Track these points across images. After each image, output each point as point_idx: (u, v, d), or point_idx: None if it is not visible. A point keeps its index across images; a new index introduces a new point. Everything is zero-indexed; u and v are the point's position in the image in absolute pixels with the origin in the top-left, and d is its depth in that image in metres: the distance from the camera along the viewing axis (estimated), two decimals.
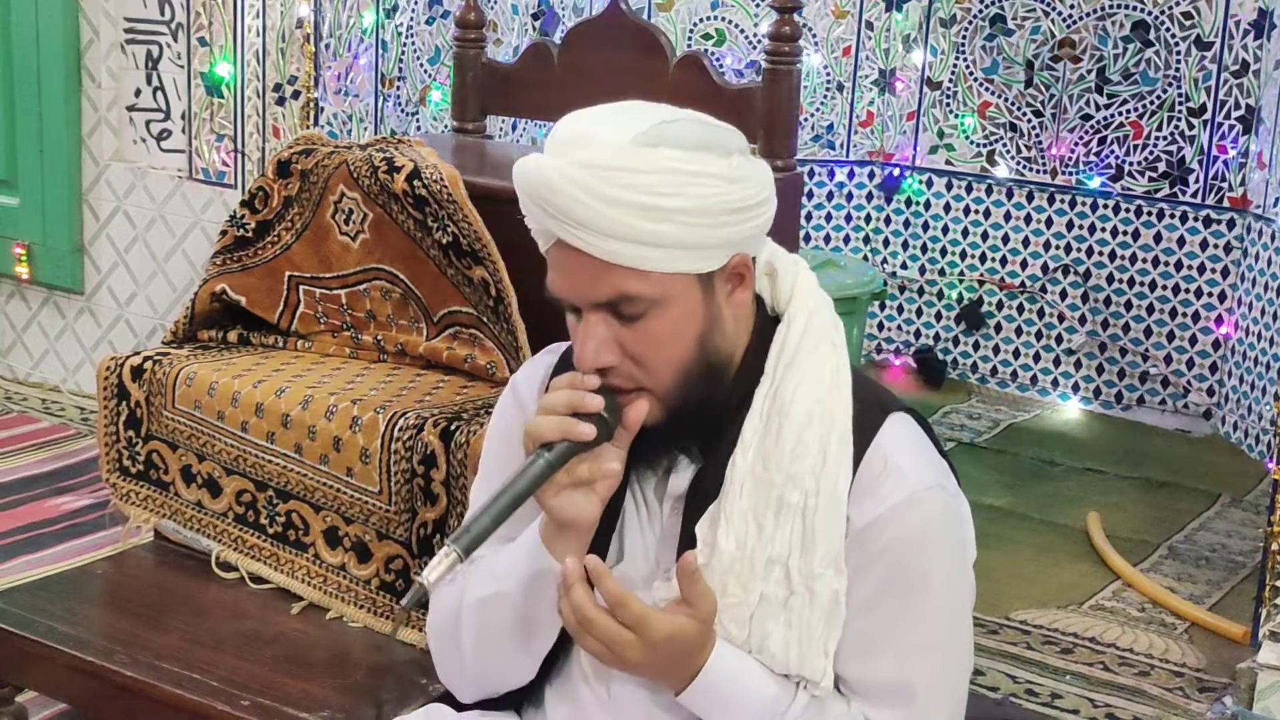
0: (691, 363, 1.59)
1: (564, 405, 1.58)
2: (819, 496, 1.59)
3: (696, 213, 1.54)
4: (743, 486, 1.60)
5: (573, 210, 1.52)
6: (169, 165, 4.07)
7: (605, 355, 1.57)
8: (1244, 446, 4.52)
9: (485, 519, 1.55)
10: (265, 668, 2.29)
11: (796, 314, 1.65)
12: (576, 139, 1.55)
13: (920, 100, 5.06)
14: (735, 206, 1.56)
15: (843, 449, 1.60)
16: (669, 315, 1.57)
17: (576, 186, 1.52)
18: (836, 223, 5.18)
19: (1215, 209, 4.63)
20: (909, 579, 1.60)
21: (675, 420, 1.61)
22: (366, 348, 2.71)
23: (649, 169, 1.52)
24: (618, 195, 1.51)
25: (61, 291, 4.31)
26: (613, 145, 1.53)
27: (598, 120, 1.56)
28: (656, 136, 1.53)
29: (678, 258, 1.55)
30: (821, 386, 1.62)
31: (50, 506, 3.54)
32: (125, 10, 4.05)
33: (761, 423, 1.61)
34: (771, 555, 1.60)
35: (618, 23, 3.04)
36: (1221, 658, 3.16)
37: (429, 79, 4.27)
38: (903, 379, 5.09)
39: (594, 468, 1.60)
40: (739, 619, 1.61)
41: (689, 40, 4.98)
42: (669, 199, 1.52)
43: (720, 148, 1.57)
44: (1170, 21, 4.64)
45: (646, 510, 1.69)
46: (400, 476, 2.38)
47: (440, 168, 2.56)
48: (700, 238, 1.55)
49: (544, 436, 1.58)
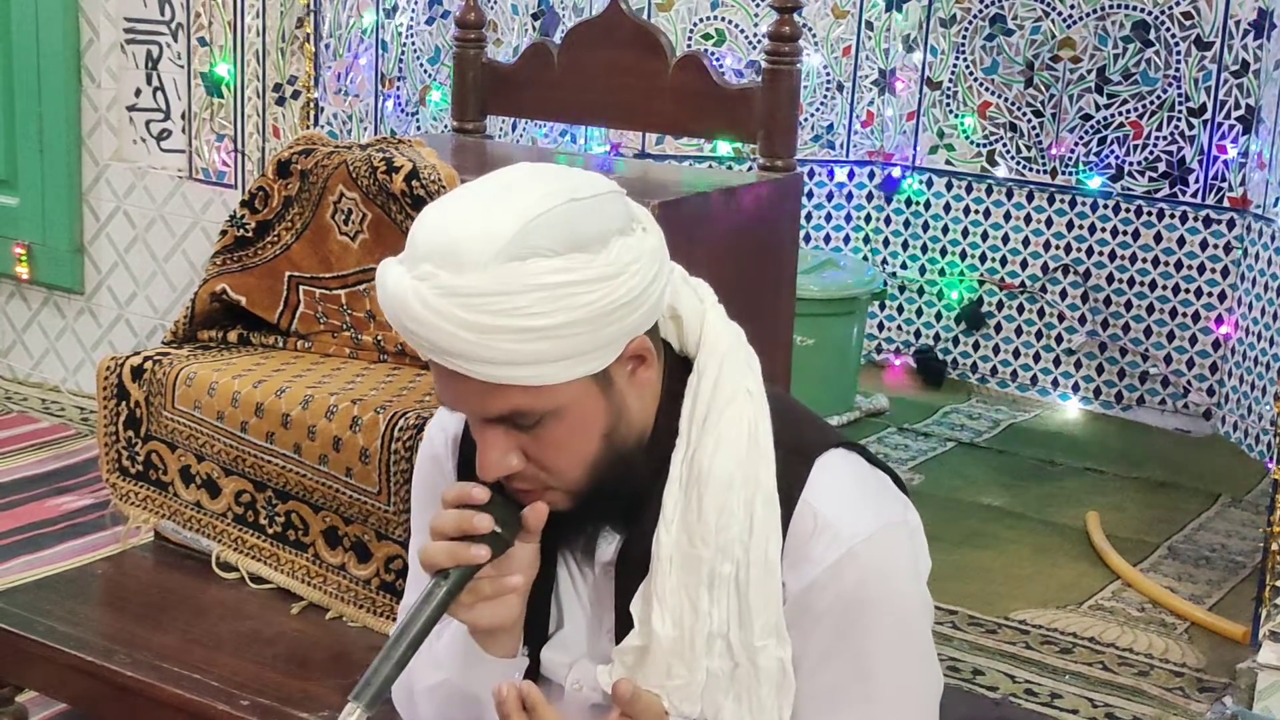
0: (600, 459, 1.50)
1: (452, 528, 1.49)
2: (750, 566, 1.51)
3: (578, 323, 1.40)
4: (671, 563, 1.52)
5: (441, 341, 1.40)
6: (169, 165, 4.07)
7: (509, 462, 1.48)
8: (1244, 446, 4.52)
9: (388, 668, 1.44)
10: (265, 667, 2.29)
11: (707, 364, 1.54)
12: (437, 254, 1.40)
13: (920, 100, 5.06)
14: (621, 303, 1.42)
15: (769, 512, 1.52)
16: (568, 421, 1.46)
17: (442, 317, 1.38)
18: (836, 223, 5.18)
19: (1215, 209, 4.62)
20: (858, 635, 1.53)
21: (588, 507, 1.54)
22: (366, 348, 2.71)
23: (519, 289, 1.37)
24: (488, 322, 1.38)
25: (61, 291, 4.31)
26: (477, 264, 1.37)
27: (460, 227, 1.40)
28: (523, 246, 1.38)
29: (567, 368, 1.42)
30: (740, 447, 1.52)
31: (50, 506, 3.54)
32: (125, 10, 4.05)
33: (682, 493, 1.52)
34: (711, 630, 1.53)
35: (618, 23, 3.04)
36: (1221, 658, 3.16)
37: (429, 79, 4.27)
38: (903, 379, 5.10)
39: (497, 584, 1.52)
40: (690, 697, 1.54)
41: (689, 40, 4.98)
42: (546, 317, 1.38)
43: (597, 240, 1.41)
44: (1170, 21, 4.64)
45: (580, 575, 1.63)
46: (400, 476, 2.38)
47: (439, 168, 2.56)
48: (587, 344, 1.42)
49: (437, 564, 1.47)
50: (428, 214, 1.45)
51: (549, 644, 1.63)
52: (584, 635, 1.63)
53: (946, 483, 4.08)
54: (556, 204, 1.41)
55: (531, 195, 1.42)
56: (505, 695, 1.47)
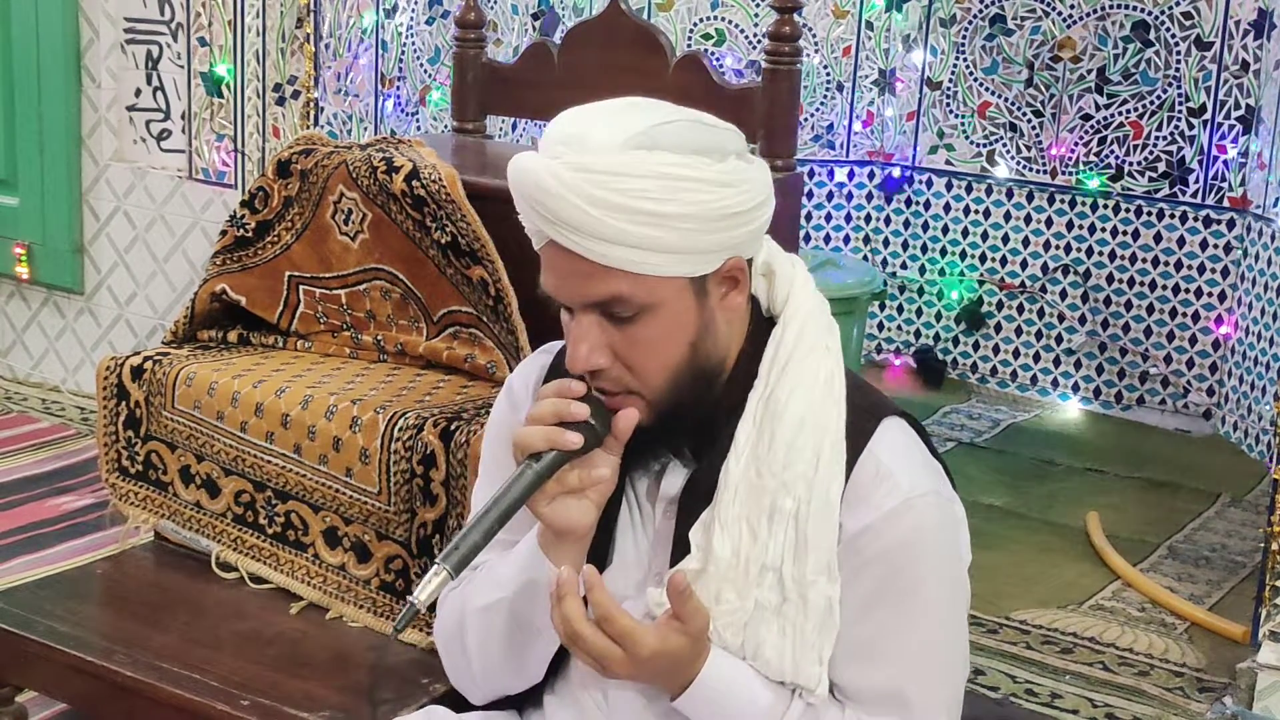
0: (683, 368, 1.58)
1: (550, 414, 1.57)
2: (811, 503, 1.58)
3: (690, 218, 1.52)
4: (736, 492, 1.60)
5: (564, 212, 1.51)
6: (169, 165, 4.07)
7: (596, 358, 1.56)
8: (1244, 446, 4.52)
9: (475, 535, 1.54)
10: (265, 667, 2.29)
11: (792, 318, 1.64)
12: (571, 139, 1.53)
13: (920, 100, 5.06)
14: (730, 212, 1.54)
15: (835, 455, 1.59)
16: (661, 320, 1.55)
17: (568, 189, 1.50)
18: (836, 223, 5.18)
19: (1215, 209, 4.63)
20: (903, 585, 1.59)
21: (666, 423, 1.60)
22: (366, 348, 2.71)
23: (642, 173, 1.50)
24: (610, 199, 1.50)
25: (61, 291, 4.31)
26: (606, 148, 1.51)
27: (593, 120, 1.54)
28: (651, 139, 1.51)
29: (671, 262, 1.53)
30: (815, 392, 1.60)
31: (50, 506, 3.54)
32: (125, 10, 4.05)
33: (754, 428, 1.60)
34: (765, 562, 1.59)
35: (618, 23, 3.04)
36: (1221, 658, 3.16)
37: (429, 79, 4.27)
38: (903, 379, 5.10)
39: (584, 475, 1.59)
40: (734, 626, 1.60)
41: (689, 40, 4.98)
42: (662, 204, 1.50)
43: (717, 151, 1.55)
44: (1170, 21, 4.64)
45: (640, 513, 1.69)
46: (400, 477, 2.38)
47: (439, 168, 2.56)
48: (694, 243, 1.53)
49: (531, 446, 1.57)
50: (562, 114, 1.58)
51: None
52: (636, 575, 1.68)
53: None
54: (685, 117, 1.56)
55: (662, 109, 1.57)
56: (565, 576, 1.55)
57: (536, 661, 1.73)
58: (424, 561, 2.37)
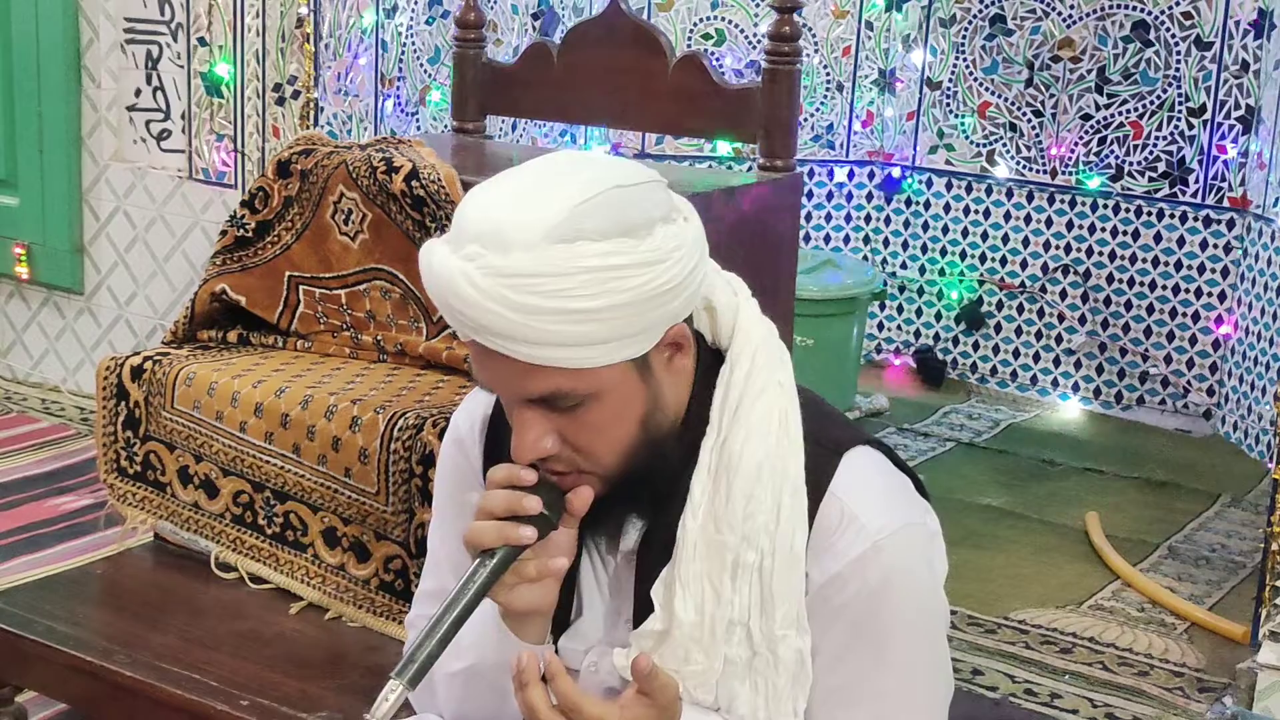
0: (635, 443, 1.51)
1: (501, 509, 1.50)
2: (775, 556, 1.52)
3: (622, 307, 1.42)
4: (696, 549, 1.53)
5: (485, 320, 1.41)
6: (169, 165, 4.07)
7: (544, 445, 1.49)
8: (1244, 446, 4.51)
9: (431, 645, 1.46)
10: (264, 667, 2.29)
11: (740, 355, 1.56)
12: (485, 236, 1.41)
13: (920, 100, 5.06)
14: (663, 289, 1.44)
15: (796, 503, 1.53)
16: (607, 405, 1.48)
17: (488, 298, 1.40)
18: (836, 223, 5.18)
19: (1215, 209, 4.62)
20: (876, 631, 1.54)
21: (620, 492, 1.55)
22: (366, 348, 2.71)
23: (566, 271, 1.39)
24: (534, 304, 1.39)
25: (61, 291, 4.31)
26: (525, 245, 1.39)
27: (507, 209, 1.42)
28: (571, 229, 1.40)
29: (607, 351, 1.44)
30: (770, 437, 1.54)
31: (50, 506, 3.54)
32: (125, 10, 4.05)
33: (710, 480, 1.54)
34: (732, 618, 1.54)
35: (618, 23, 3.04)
36: (1221, 658, 3.16)
37: (429, 79, 4.27)
38: (903, 379, 5.09)
39: (541, 565, 1.53)
40: (705, 685, 1.55)
41: (689, 40, 4.98)
42: (591, 299, 1.40)
43: (642, 225, 1.44)
44: (1170, 21, 4.63)
45: (601, 564, 1.64)
46: (399, 477, 2.38)
47: (438, 168, 2.56)
48: (629, 328, 1.44)
49: (484, 544, 1.50)
50: (473, 197, 1.46)
51: (567, 633, 1.64)
52: (601, 625, 1.64)
53: (946, 483, 4.07)
54: (603, 189, 1.43)
55: (577, 181, 1.44)
56: (525, 663, 1.48)
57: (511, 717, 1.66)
58: (423, 561, 2.36)
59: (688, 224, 1.50)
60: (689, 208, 1.53)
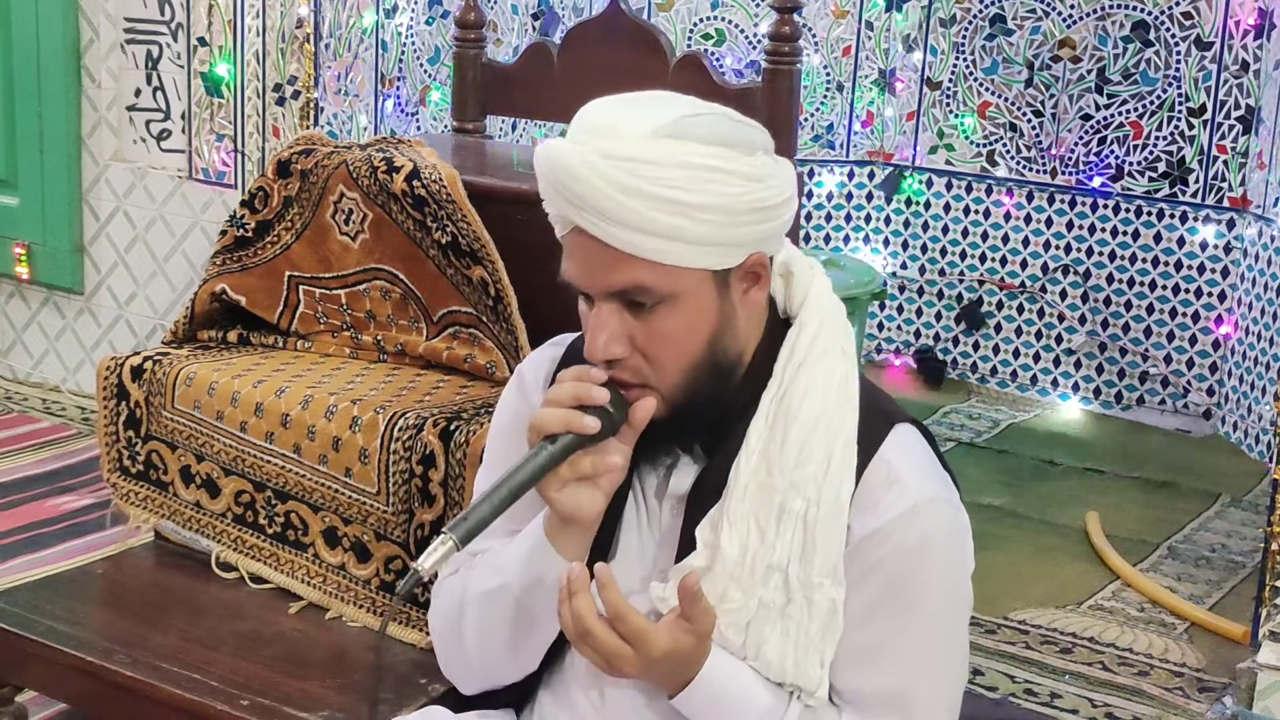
0: (701, 361, 1.58)
1: (569, 397, 1.57)
2: (821, 505, 1.58)
3: (716, 210, 1.52)
4: (746, 490, 1.59)
5: (591, 198, 1.51)
6: (169, 165, 4.07)
7: (615, 347, 1.56)
8: (1244, 446, 4.52)
9: (484, 508, 1.53)
10: (264, 667, 2.29)
11: (809, 319, 1.64)
12: (601, 127, 1.53)
13: (920, 100, 5.06)
14: (755, 206, 1.54)
15: (847, 457, 1.59)
16: (682, 312, 1.55)
17: (596, 174, 1.50)
18: (836, 223, 5.18)
19: (1215, 209, 4.63)
20: (908, 591, 1.59)
21: (680, 417, 1.60)
22: (366, 348, 2.71)
23: (670, 162, 1.50)
24: (638, 186, 1.50)
25: (61, 291, 4.31)
26: (636, 136, 1.51)
27: (622, 109, 1.55)
28: (680, 129, 1.51)
29: (695, 253, 1.53)
30: (829, 393, 1.60)
31: (50, 506, 3.54)
32: (125, 10, 4.05)
33: (767, 426, 1.60)
34: (772, 561, 1.59)
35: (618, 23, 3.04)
36: (1221, 658, 3.16)
37: (429, 79, 4.27)
38: (903, 379, 5.10)
39: (597, 462, 1.59)
40: (736, 625, 1.60)
41: (689, 40, 4.98)
42: (689, 194, 1.50)
43: (744, 145, 1.55)
44: (1170, 21, 4.64)
45: (646, 510, 1.68)
46: (399, 477, 2.38)
47: (439, 168, 2.56)
48: (719, 235, 1.53)
49: (548, 428, 1.56)
50: (591, 104, 1.58)
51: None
52: (636, 570, 1.68)
53: None
54: (713, 111, 1.56)
55: (690, 102, 1.58)
56: (577, 573, 1.54)
57: (534, 651, 1.72)
58: None
59: (786, 167, 1.60)
60: (787, 161, 1.61)
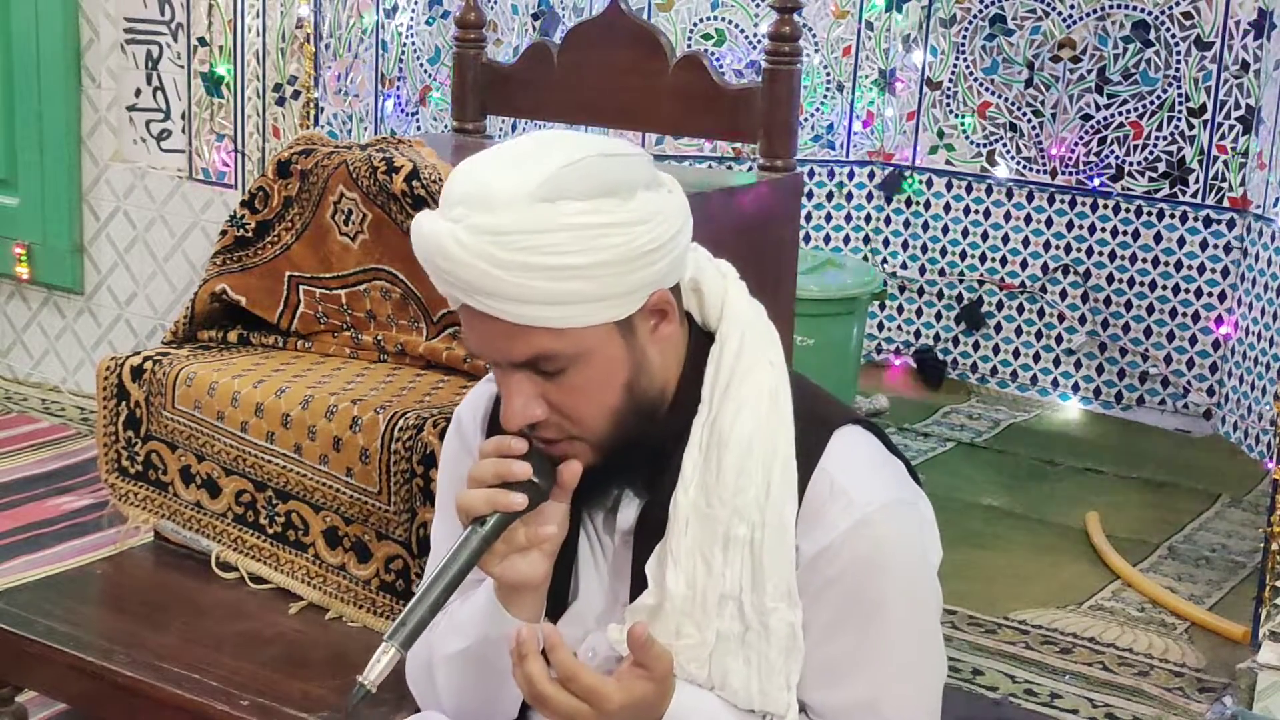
0: (621, 408, 1.53)
1: (491, 476, 1.52)
2: (765, 529, 1.54)
3: (605, 265, 1.45)
4: (687, 523, 1.55)
5: (471, 278, 1.45)
6: (169, 165, 4.07)
7: (533, 410, 1.51)
8: (1244, 446, 4.52)
9: (422, 610, 1.48)
10: (265, 667, 2.29)
11: (729, 334, 1.58)
12: (470, 197, 1.45)
13: (920, 100, 5.06)
14: (646, 250, 1.47)
15: (786, 477, 1.55)
16: (592, 367, 1.50)
17: (473, 254, 1.43)
18: (836, 223, 5.18)
19: (1215, 209, 4.62)
20: (867, 604, 1.56)
21: (613, 462, 1.56)
22: (366, 348, 2.71)
23: (549, 228, 1.43)
24: (521, 260, 1.43)
25: (61, 291, 4.31)
26: (509, 204, 1.43)
27: (491, 173, 1.46)
28: (555, 189, 1.44)
29: (592, 311, 1.47)
30: (760, 412, 1.55)
31: (50, 506, 3.54)
32: (125, 10, 4.05)
33: (701, 455, 1.56)
34: (724, 591, 1.55)
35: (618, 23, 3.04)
36: (1221, 658, 3.16)
37: (429, 79, 4.27)
38: (903, 379, 5.10)
39: (531, 534, 1.55)
40: (698, 659, 1.56)
41: (689, 40, 4.98)
42: (575, 256, 1.44)
43: (624, 189, 1.47)
44: (1170, 21, 4.63)
45: (600, 545, 1.65)
46: (400, 477, 2.38)
47: (439, 168, 2.56)
48: (613, 288, 1.47)
49: (474, 511, 1.52)
50: (459, 167, 1.50)
51: (564, 617, 1.65)
52: (600, 608, 1.65)
53: (946, 483, 4.07)
54: (587, 155, 1.47)
55: (562, 149, 1.47)
56: (524, 636, 1.50)
57: (511, 700, 1.68)
58: (424, 561, 2.37)
59: (671, 194, 1.53)
60: (673, 181, 1.55)
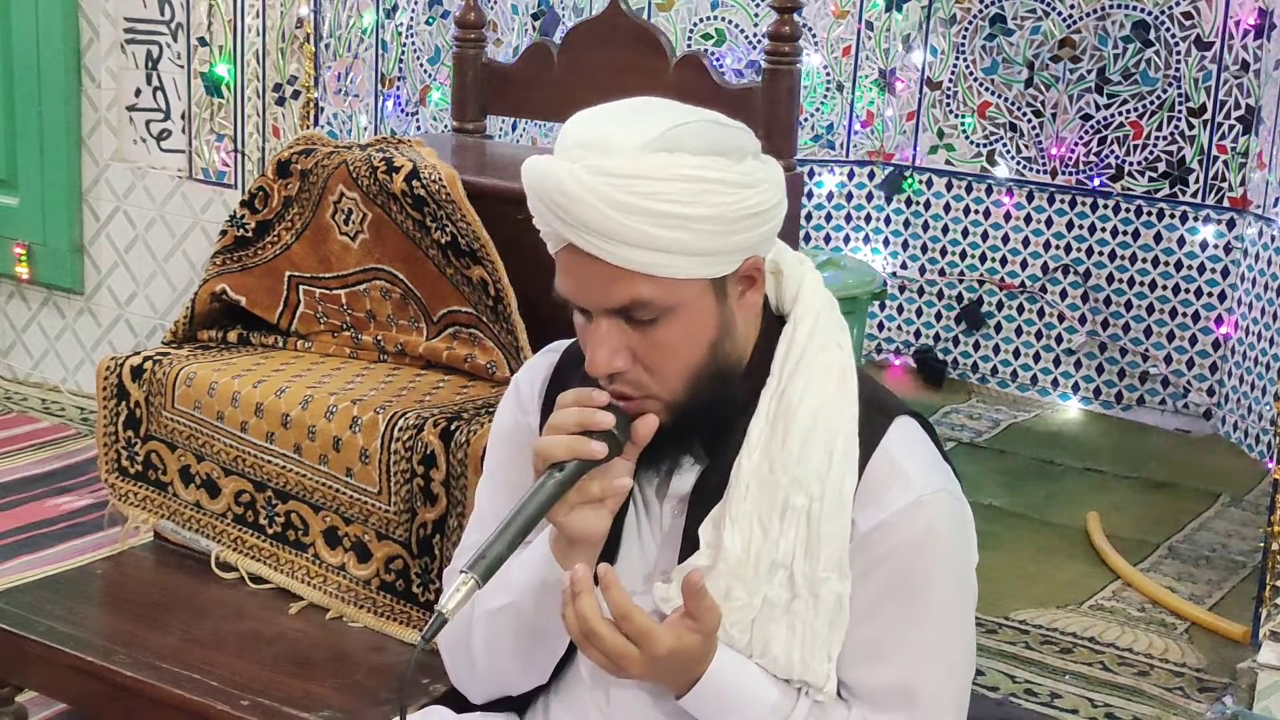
0: (703, 369, 1.57)
1: (573, 423, 1.56)
2: (824, 500, 1.58)
3: (712, 220, 1.52)
4: (748, 488, 1.59)
5: (586, 216, 1.49)
6: (169, 165, 4.07)
7: (617, 361, 1.55)
8: (1244, 446, 4.52)
9: (500, 546, 1.53)
10: (265, 667, 2.29)
11: (804, 315, 1.64)
12: (590, 142, 1.51)
13: (920, 100, 5.06)
14: (750, 212, 1.54)
15: (848, 452, 1.59)
16: (682, 322, 1.55)
17: (590, 193, 1.49)
18: (836, 223, 5.18)
19: (1215, 209, 4.62)
20: (914, 584, 1.60)
21: (682, 423, 1.60)
22: (366, 348, 2.71)
23: (665, 176, 1.49)
24: (633, 203, 1.49)
25: (61, 291, 4.31)
26: (628, 151, 1.50)
27: (611, 122, 1.53)
28: (671, 141, 1.50)
29: (692, 264, 1.53)
30: (828, 389, 1.61)
31: (50, 506, 3.54)
32: (125, 10, 4.05)
33: (768, 424, 1.60)
34: (776, 558, 1.59)
35: (618, 23, 3.04)
36: (1221, 658, 3.16)
37: (429, 79, 4.27)
38: (903, 379, 5.09)
39: (606, 486, 1.59)
40: (742, 623, 1.60)
41: (689, 40, 4.98)
42: (685, 207, 1.50)
43: (735, 151, 1.55)
44: (1170, 21, 4.64)
45: (646, 511, 1.69)
46: (400, 477, 2.38)
47: (439, 168, 2.56)
48: (715, 244, 1.53)
49: (554, 456, 1.56)
50: (576, 116, 1.56)
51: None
52: (639, 573, 1.68)
53: None
54: (701, 118, 1.55)
55: (678, 109, 1.56)
56: (581, 574, 1.54)
57: (544, 664, 1.72)
58: (424, 561, 2.37)
59: (774, 168, 1.60)
60: (775, 161, 1.62)
